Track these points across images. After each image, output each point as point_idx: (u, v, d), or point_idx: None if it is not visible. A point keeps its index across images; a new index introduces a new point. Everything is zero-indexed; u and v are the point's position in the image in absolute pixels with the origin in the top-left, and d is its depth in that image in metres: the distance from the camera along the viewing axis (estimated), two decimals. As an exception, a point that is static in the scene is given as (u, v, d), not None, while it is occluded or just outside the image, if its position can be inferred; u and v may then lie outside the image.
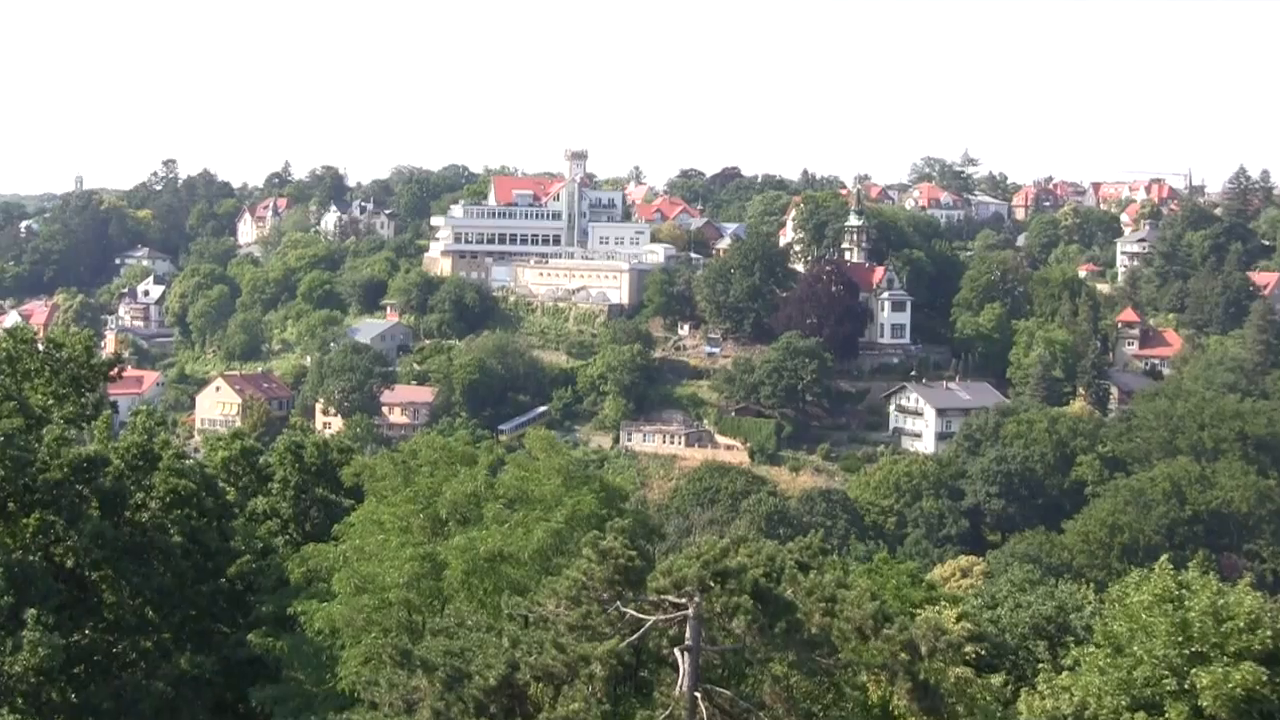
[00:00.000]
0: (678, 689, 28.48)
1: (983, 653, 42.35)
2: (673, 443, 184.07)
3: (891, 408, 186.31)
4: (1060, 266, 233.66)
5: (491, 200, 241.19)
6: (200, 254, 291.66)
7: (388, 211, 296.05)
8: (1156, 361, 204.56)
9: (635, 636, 28.79)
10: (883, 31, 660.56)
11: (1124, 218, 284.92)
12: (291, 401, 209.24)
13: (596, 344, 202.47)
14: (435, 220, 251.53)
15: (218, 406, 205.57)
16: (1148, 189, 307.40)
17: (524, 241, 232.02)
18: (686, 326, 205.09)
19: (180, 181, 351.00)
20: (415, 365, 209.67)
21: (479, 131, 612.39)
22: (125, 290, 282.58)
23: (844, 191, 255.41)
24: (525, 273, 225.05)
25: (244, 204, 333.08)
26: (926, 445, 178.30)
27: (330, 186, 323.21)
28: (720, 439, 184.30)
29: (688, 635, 28.58)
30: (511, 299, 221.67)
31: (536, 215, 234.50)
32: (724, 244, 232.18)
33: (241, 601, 46.33)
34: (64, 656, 37.46)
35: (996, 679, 39.53)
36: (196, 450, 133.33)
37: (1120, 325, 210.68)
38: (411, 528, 44.14)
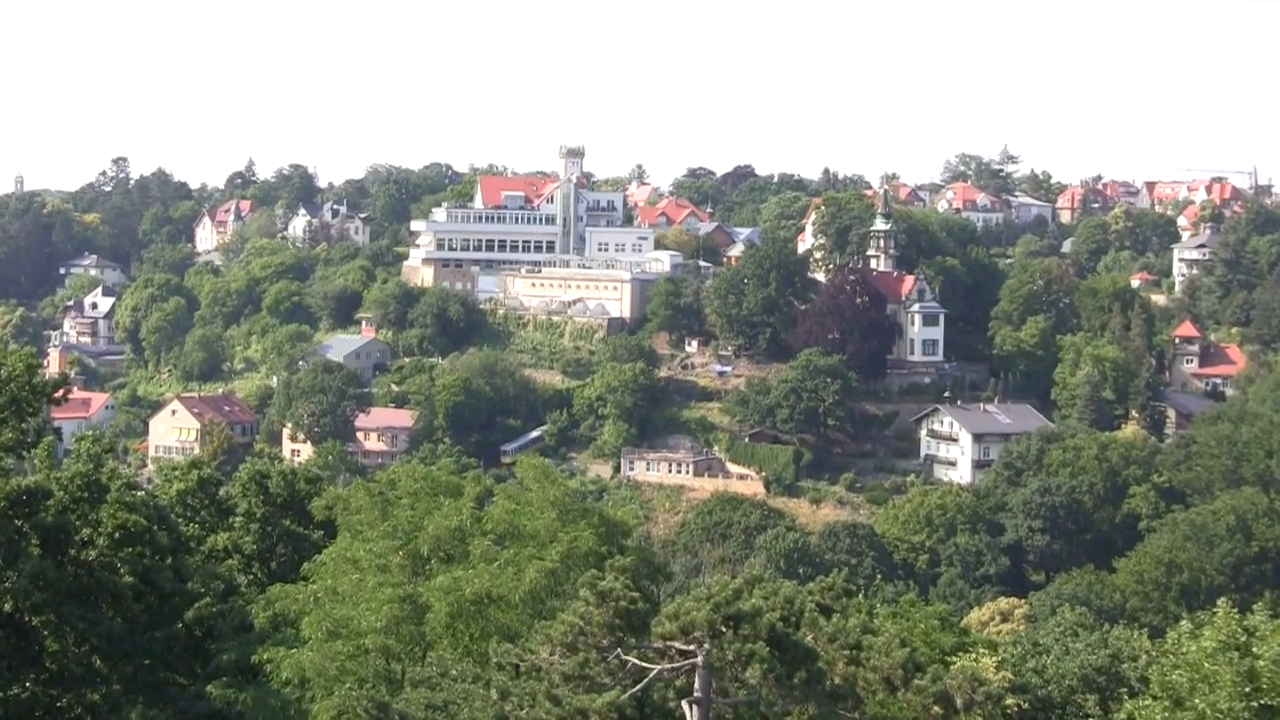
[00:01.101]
0: (686, 746, 28.39)
1: (1025, 706, 42.27)
2: (680, 472, 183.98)
3: (923, 433, 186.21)
4: (1111, 275, 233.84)
5: (478, 202, 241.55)
6: (154, 262, 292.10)
7: (363, 215, 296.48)
8: (1218, 381, 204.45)
9: (638, 688, 28.74)
10: (911, 14, 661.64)
11: (1182, 221, 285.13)
12: (256, 426, 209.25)
13: (595, 362, 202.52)
14: (415, 225, 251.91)
15: (173, 432, 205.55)
16: (1208, 189, 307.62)
17: (514, 248, 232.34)
18: (695, 343, 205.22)
19: (132, 182, 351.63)
20: (393, 386, 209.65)
21: (464, 126, 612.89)
22: (71, 303, 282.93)
23: (869, 192, 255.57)
24: (516, 283, 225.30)
25: (203, 207, 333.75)
26: (962, 474, 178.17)
27: (299, 187, 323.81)
28: (732, 468, 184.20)
29: (696, 686, 28.52)
30: (500, 312, 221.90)
31: (528, 219, 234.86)
32: (736, 251, 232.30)
33: (200, 649, 46.27)
34: (1, 712, 37.38)
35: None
36: (150, 481, 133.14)
37: (1178, 341, 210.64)
38: (390, 566, 44.12)
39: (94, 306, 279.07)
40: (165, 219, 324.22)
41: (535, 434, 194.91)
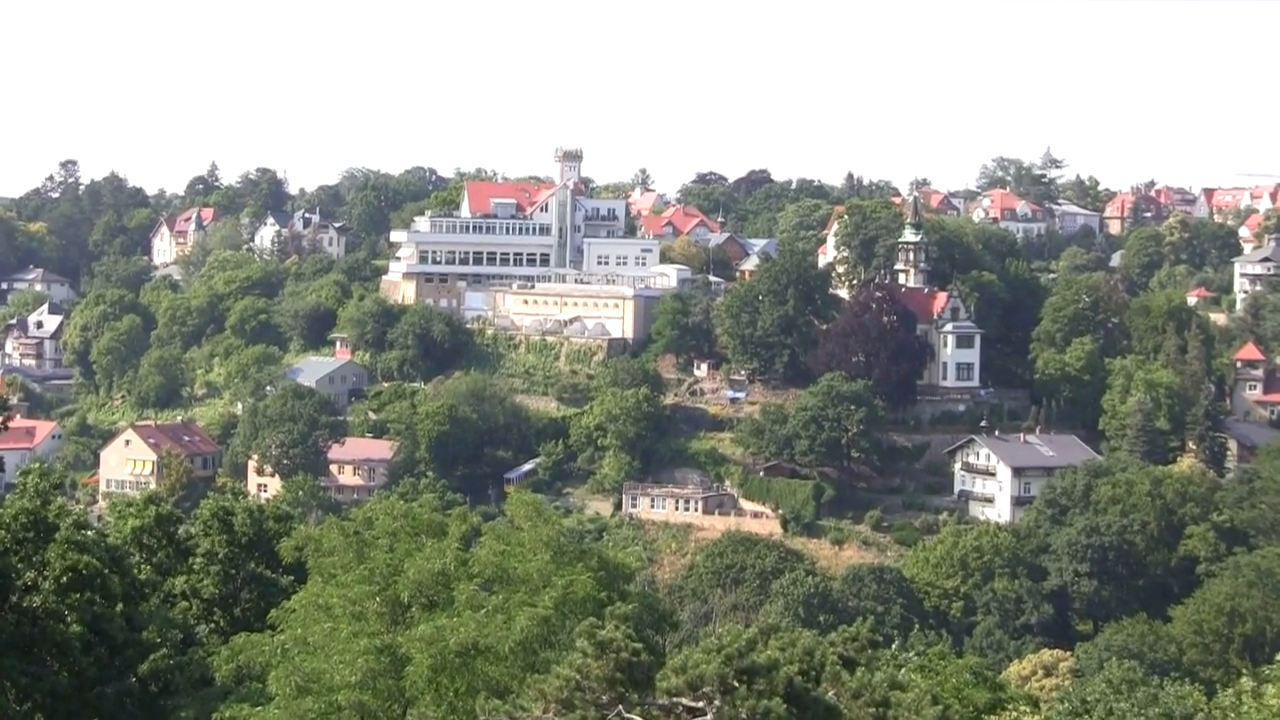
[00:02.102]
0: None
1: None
2: (687, 509, 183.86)
3: (957, 466, 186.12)
4: (1165, 292, 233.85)
5: (465, 211, 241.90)
6: (106, 277, 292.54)
7: (337, 225, 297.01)
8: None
9: (641, 749, 28.71)
10: (943, 3, 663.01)
11: (1244, 232, 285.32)
12: (218, 459, 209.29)
13: (594, 388, 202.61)
14: (396, 235, 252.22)
15: (127, 464, 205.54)
16: (1273, 196, 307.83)
17: (505, 261, 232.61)
18: (704, 366, 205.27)
19: (82, 187, 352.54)
20: (371, 414, 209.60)
21: (449, 127, 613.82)
22: (14, 320, 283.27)
23: (897, 200, 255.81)
24: (506, 300, 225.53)
25: (161, 215, 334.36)
26: (1000, 512, 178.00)
27: (267, 194, 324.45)
28: (746, 505, 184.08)
29: (706, 748, 28.49)
30: (489, 332, 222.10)
31: (520, 229, 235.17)
32: (750, 265, 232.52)
33: (155, 705, 46.20)
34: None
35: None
36: (100, 519, 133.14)
37: (1239, 365, 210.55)
38: (366, 614, 44.12)
39: (39, 325, 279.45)
40: (119, 228, 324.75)
41: (528, 467, 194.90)
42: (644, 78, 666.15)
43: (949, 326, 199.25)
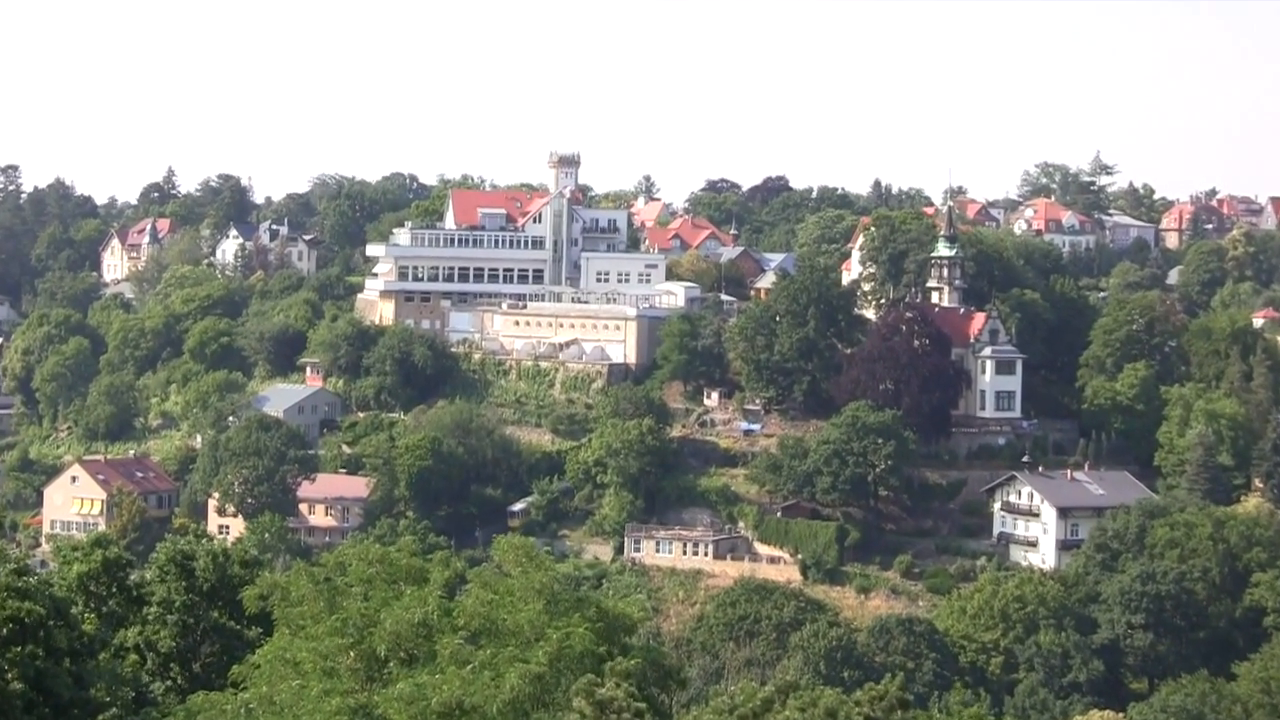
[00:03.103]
0: None
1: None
2: (697, 554, 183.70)
3: (996, 506, 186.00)
4: (1228, 313, 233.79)
5: (449, 222, 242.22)
6: (50, 295, 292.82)
7: (307, 237, 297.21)
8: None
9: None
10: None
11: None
12: (175, 497, 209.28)
13: (592, 419, 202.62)
14: (372, 249, 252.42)
15: (74, 503, 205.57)
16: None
17: (493, 278, 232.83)
18: (715, 395, 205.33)
19: (24, 195, 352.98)
20: (344, 447, 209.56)
21: (431, 129, 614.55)
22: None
23: (930, 210, 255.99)
24: (495, 321, 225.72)
25: (111, 226, 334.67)
26: (1045, 558, 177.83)
27: (229, 203, 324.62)
28: (761, 549, 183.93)
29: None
30: (477, 357, 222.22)
31: (511, 242, 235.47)
32: (766, 282, 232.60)
33: (105, 771, 46.18)
34: None
35: None
36: (44, 564, 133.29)
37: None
38: (338, 670, 44.12)
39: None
40: (64, 241, 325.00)
41: (519, 506, 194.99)
42: (647, 74, 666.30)
43: (987, 351, 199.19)
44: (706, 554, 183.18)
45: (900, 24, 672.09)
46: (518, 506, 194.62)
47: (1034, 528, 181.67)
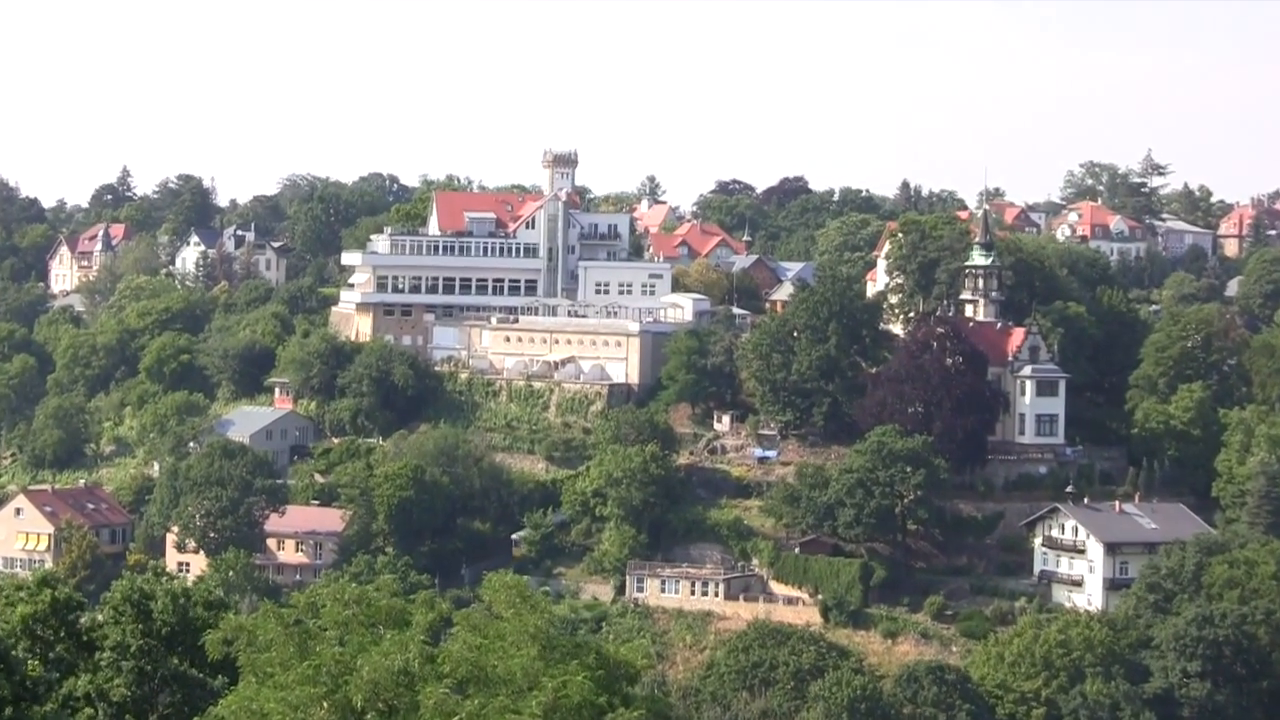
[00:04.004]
0: None
1: None
2: (706, 594, 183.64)
3: (1037, 541, 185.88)
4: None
5: (433, 227, 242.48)
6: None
7: (276, 244, 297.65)
8: None
9: None
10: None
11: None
12: (130, 531, 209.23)
13: (591, 444, 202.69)
14: (348, 257, 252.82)
15: (18, 538, 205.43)
16: None
17: (482, 289, 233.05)
18: (727, 418, 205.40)
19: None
20: (317, 476, 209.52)
21: (413, 125, 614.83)
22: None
23: (963, 214, 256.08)
24: (484, 336, 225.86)
25: (60, 232, 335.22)
26: (1091, 599, 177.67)
27: (190, 206, 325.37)
28: (778, 588, 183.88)
29: None
30: (463, 376, 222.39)
31: (501, 250, 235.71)
32: (783, 293, 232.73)
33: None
34: None
35: None
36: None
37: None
38: (311, 722, 44.15)
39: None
40: (8, 248, 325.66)
41: (522, 534, 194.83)
42: (651, 63, 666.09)
43: (1027, 370, 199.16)
44: (717, 594, 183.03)
45: (927, 9, 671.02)
46: (520, 534, 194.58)
47: (1079, 565, 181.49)
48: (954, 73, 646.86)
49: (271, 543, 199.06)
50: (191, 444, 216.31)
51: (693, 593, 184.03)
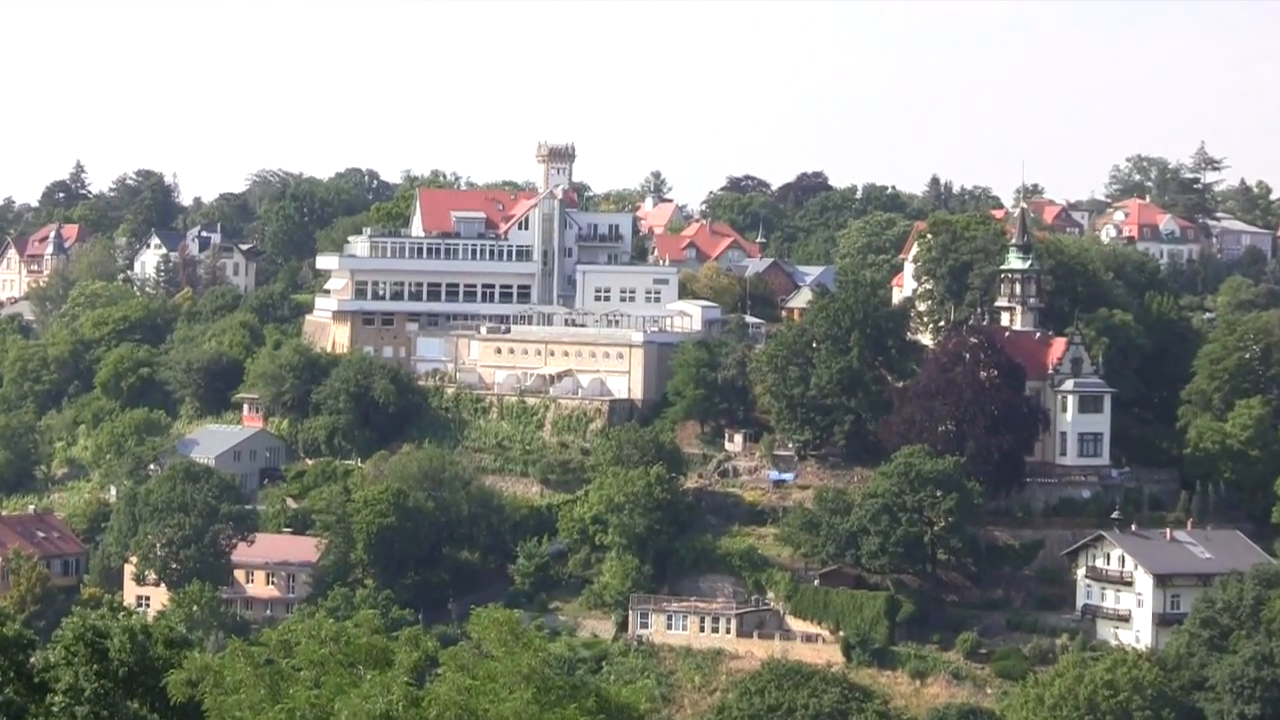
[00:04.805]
0: None
1: None
2: (716, 630, 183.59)
3: (1080, 573, 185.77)
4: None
5: (416, 228, 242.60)
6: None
7: (245, 246, 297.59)
8: None
9: None
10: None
11: None
12: (84, 561, 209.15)
13: (590, 466, 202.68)
14: (323, 261, 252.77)
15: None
16: None
17: (470, 296, 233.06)
18: (739, 438, 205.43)
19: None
20: (290, 502, 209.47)
21: (395, 116, 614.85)
22: None
23: (999, 213, 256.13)
24: (472, 348, 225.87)
25: (7, 233, 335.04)
26: (1139, 635, 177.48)
27: (150, 205, 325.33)
28: (795, 624, 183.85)
29: None
30: (450, 391, 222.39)
31: (491, 253, 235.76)
32: (801, 300, 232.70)
33: None
34: None
35: None
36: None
37: None
38: (284, 772, 44.25)
39: None
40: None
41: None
42: (654, 49, 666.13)
43: (1069, 384, 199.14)
44: (728, 631, 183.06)
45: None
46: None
47: (1126, 599, 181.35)
48: (988, 58, 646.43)
49: (239, 574, 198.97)
50: (152, 466, 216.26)
51: (702, 629, 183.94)
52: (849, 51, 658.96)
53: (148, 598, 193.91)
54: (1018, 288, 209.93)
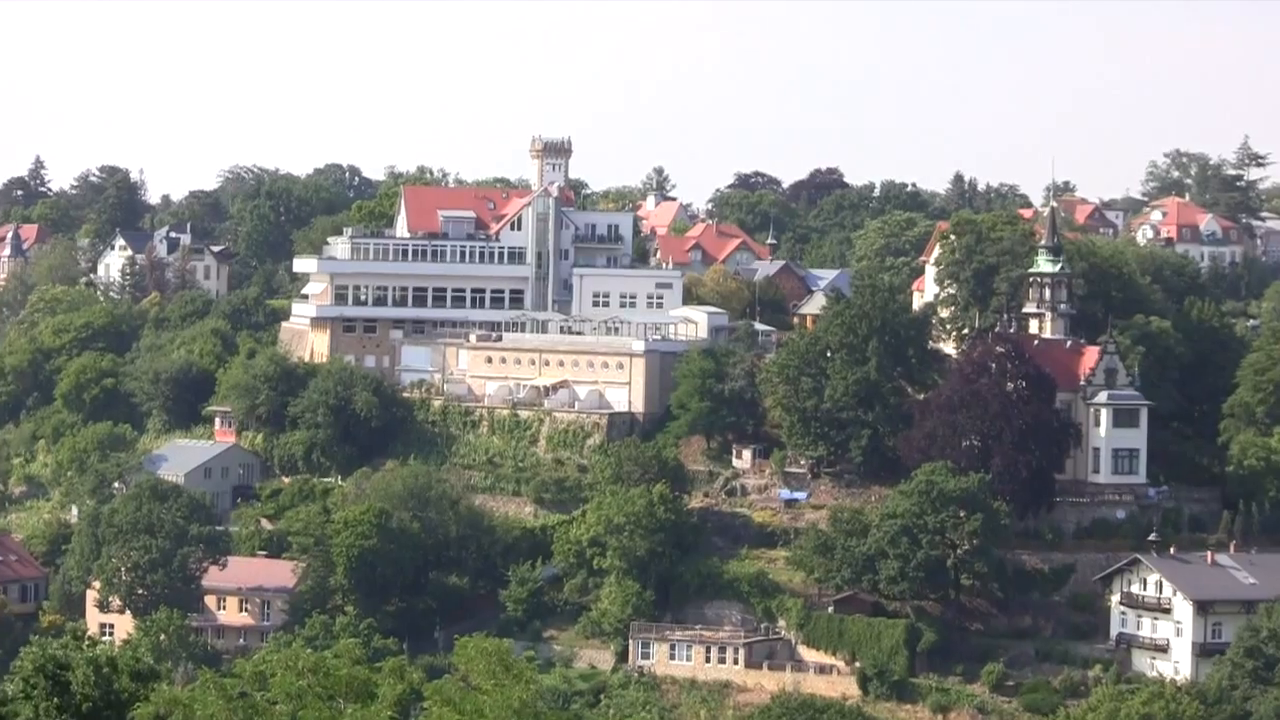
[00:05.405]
0: None
1: None
2: (724, 660, 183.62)
3: (1114, 599, 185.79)
4: None
5: (401, 228, 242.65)
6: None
7: (217, 248, 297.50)
8: None
9: None
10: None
11: None
12: (44, 587, 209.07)
13: (588, 484, 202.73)
14: (301, 263, 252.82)
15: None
16: None
17: (459, 301, 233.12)
18: (747, 454, 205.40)
19: None
20: (264, 522, 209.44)
21: (378, 108, 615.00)
22: None
23: (1027, 213, 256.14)
24: (461, 357, 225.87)
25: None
26: (1178, 666, 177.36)
27: (115, 203, 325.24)
28: (808, 654, 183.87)
29: None
30: (437, 404, 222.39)
31: (481, 255, 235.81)
32: (814, 306, 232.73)
33: None
34: None
35: None
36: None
37: None
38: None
39: None
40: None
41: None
42: (656, 36, 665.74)
43: (1103, 396, 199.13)
44: (736, 661, 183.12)
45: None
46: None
47: (1164, 627, 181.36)
48: (1015, 45, 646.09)
49: (210, 601, 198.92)
50: (116, 484, 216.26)
51: (708, 660, 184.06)
52: (867, 38, 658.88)
53: (111, 626, 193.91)
54: (1047, 293, 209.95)
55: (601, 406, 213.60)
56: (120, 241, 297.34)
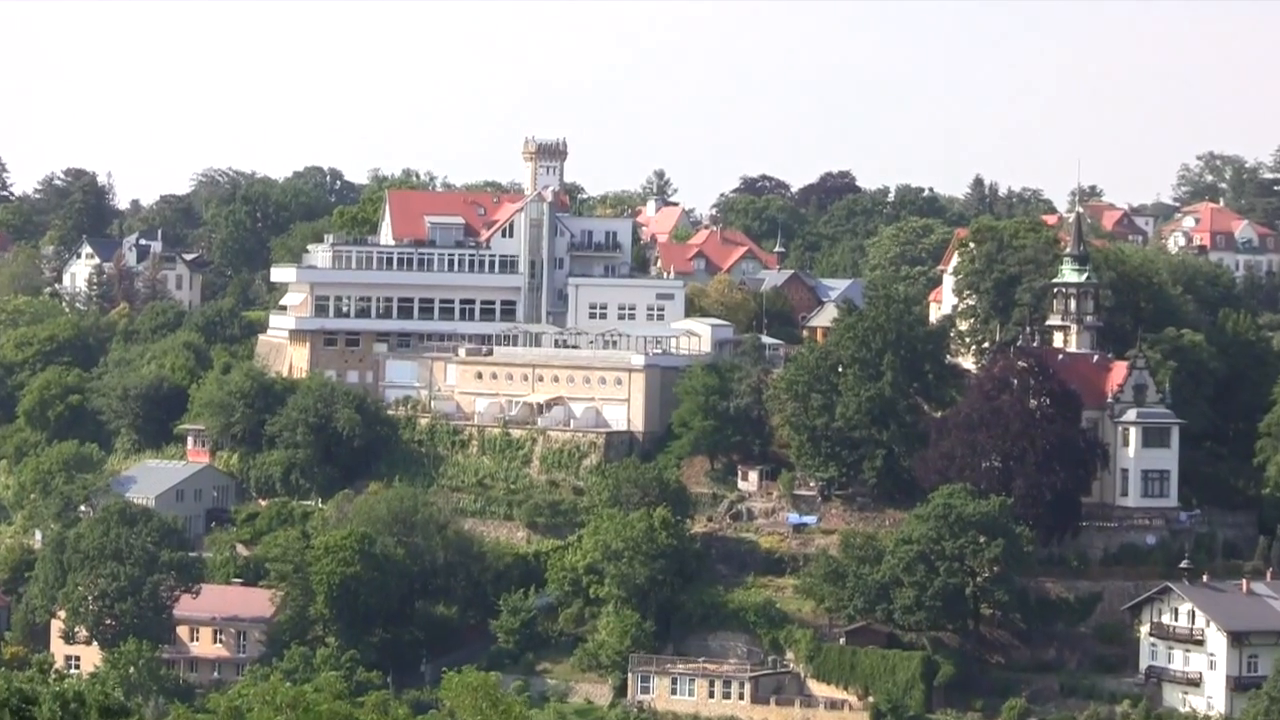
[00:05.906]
0: None
1: None
2: (728, 694, 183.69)
3: (1143, 630, 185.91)
4: None
5: (385, 235, 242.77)
6: None
7: (189, 256, 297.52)
8: None
9: None
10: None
11: None
12: (5, 617, 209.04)
13: (584, 508, 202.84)
14: (279, 273, 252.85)
15: None
16: None
17: (447, 313, 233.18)
18: (754, 475, 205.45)
19: None
20: (240, 548, 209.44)
21: (361, 108, 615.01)
22: None
23: (1051, 219, 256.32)
24: (449, 372, 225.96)
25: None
26: (1212, 701, 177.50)
27: (81, 208, 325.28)
28: (818, 688, 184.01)
29: None
30: (423, 422, 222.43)
31: (471, 264, 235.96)
32: (824, 318, 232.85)
33: None
34: None
35: None
36: None
37: None
38: None
39: None
40: None
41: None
42: (657, 32, 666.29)
43: (1131, 414, 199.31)
44: (742, 696, 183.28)
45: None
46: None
47: (1196, 660, 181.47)
48: (1037, 42, 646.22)
49: (183, 631, 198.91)
50: (82, 508, 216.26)
51: (712, 694, 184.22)
52: (880, 34, 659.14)
53: (78, 658, 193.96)
54: (1072, 304, 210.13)
55: (598, 425, 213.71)
56: (87, 249, 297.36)
